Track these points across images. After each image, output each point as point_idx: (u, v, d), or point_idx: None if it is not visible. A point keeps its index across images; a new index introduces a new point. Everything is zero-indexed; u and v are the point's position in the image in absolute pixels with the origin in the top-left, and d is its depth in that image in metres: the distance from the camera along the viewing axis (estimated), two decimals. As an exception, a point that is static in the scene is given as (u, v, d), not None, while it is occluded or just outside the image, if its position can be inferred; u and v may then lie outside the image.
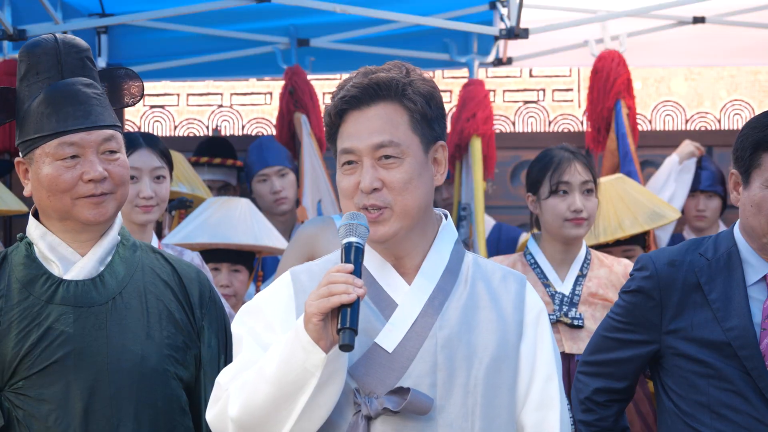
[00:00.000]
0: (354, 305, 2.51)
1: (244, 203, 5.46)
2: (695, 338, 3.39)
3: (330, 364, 2.54)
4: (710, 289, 3.41)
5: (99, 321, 3.01)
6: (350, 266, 2.56)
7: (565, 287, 4.57)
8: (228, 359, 3.15)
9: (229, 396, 2.64)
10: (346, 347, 2.50)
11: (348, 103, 2.71)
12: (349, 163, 2.72)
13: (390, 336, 2.67)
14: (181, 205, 5.73)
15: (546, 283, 4.55)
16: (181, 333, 3.09)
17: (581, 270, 4.60)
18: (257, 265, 5.39)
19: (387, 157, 2.70)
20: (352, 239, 2.61)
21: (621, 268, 4.65)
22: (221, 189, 6.61)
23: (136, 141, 4.44)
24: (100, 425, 2.96)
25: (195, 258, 4.77)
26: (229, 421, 2.63)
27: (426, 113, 2.73)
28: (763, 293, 3.40)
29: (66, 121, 3.01)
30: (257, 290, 5.41)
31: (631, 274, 3.56)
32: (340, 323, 2.51)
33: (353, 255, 2.59)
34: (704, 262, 3.44)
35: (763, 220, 3.35)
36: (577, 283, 4.57)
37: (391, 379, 2.65)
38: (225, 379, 2.68)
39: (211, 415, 2.69)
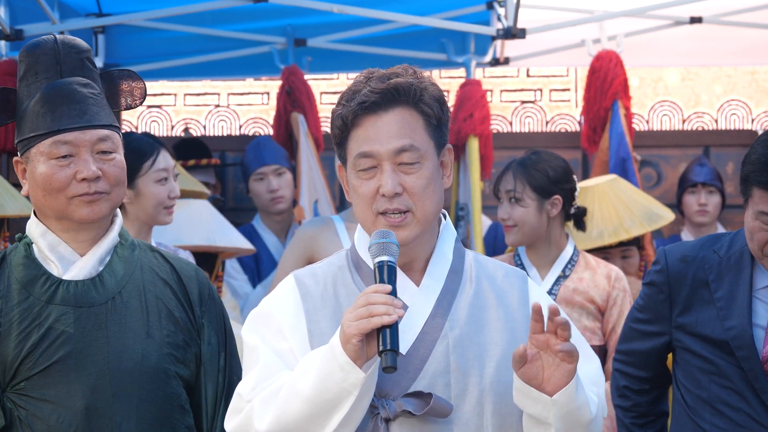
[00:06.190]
0: (394, 326, 2.51)
1: (200, 204, 5.38)
2: (699, 334, 3.44)
3: (366, 382, 2.54)
4: (717, 287, 3.44)
5: (99, 321, 3.01)
6: (388, 287, 2.55)
7: (543, 287, 4.63)
8: (228, 356, 3.16)
9: (253, 409, 2.63)
10: (390, 369, 2.50)
11: (367, 108, 2.69)
12: (367, 167, 2.71)
13: (403, 338, 2.65)
14: (216, 203, 5.73)
15: None
16: (181, 331, 3.09)
17: (563, 271, 4.68)
18: (217, 267, 5.34)
19: (407, 161, 2.70)
20: (385, 258, 2.60)
21: (606, 271, 4.70)
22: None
23: (156, 144, 4.47)
24: (102, 424, 2.96)
25: (190, 257, 4.78)
26: None
27: (440, 118, 2.74)
28: None
29: (60, 120, 3.01)
30: (218, 291, 5.37)
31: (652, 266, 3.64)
32: (382, 345, 2.50)
33: (387, 274, 2.59)
34: (716, 259, 3.48)
35: (755, 247, 3.39)
36: (556, 283, 4.66)
37: (406, 381, 2.66)
38: (246, 390, 2.67)
39: (232, 425, 2.68)
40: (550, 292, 4.62)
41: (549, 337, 2.57)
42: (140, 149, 4.46)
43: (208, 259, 5.28)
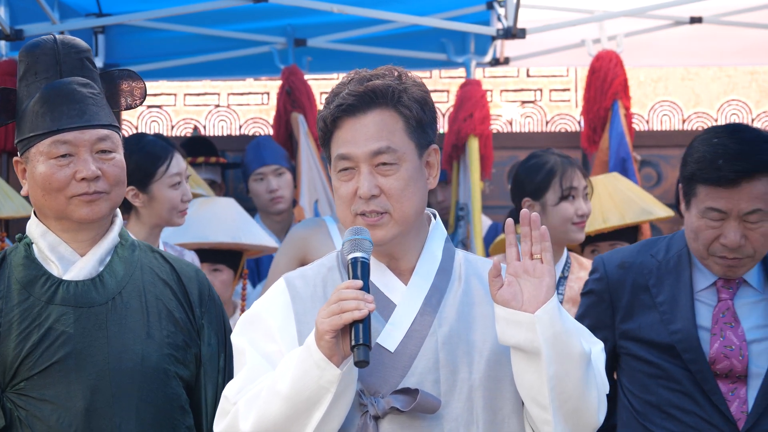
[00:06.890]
0: (365, 320, 2.53)
1: (226, 202, 5.40)
2: (644, 340, 3.44)
3: (344, 378, 2.56)
4: (658, 291, 3.45)
5: (99, 321, 3.01)
6: (359, 282, 2.58)
7: None
8: (227, 357, 3.16)
9: (238, 411, 2.65)
10: (362, 363, 2.52)
11: (344, 111, 2.72)
12: (346, 169, 2.73)
13: (391, 336, 2.69)
14: None
15: None
16: (181, 332, 3.09)
17: (562, 272, 4.69)
18: (242, 265, 5.34)
19: (384, 163, 2.71)
20: (358, 254, 2.63)
21: None
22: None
23: (169, 147, 4.48)
24: (101, 424, 2.97)
25: (195, 258, 4.79)
26: None
27: (421, 119, 2.75)
28: (713, 299, 3.43)
29: (60, 120, 3.02)
30: (243, 288, 5.38)
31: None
32: (354, 340, 2.53)
33: (360, 270, 2.61)
34: (654, 263, 3.48)
35: (701, 247, 3.39)
36: (559, 284, 4.65)
37: (395, 378, 2.67)
38: (232, 392, 2.69)
39: (220, 428, 2.70)
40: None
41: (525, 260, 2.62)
42: (154, 153, 4.46)
43: (233, 257, 5.28)
